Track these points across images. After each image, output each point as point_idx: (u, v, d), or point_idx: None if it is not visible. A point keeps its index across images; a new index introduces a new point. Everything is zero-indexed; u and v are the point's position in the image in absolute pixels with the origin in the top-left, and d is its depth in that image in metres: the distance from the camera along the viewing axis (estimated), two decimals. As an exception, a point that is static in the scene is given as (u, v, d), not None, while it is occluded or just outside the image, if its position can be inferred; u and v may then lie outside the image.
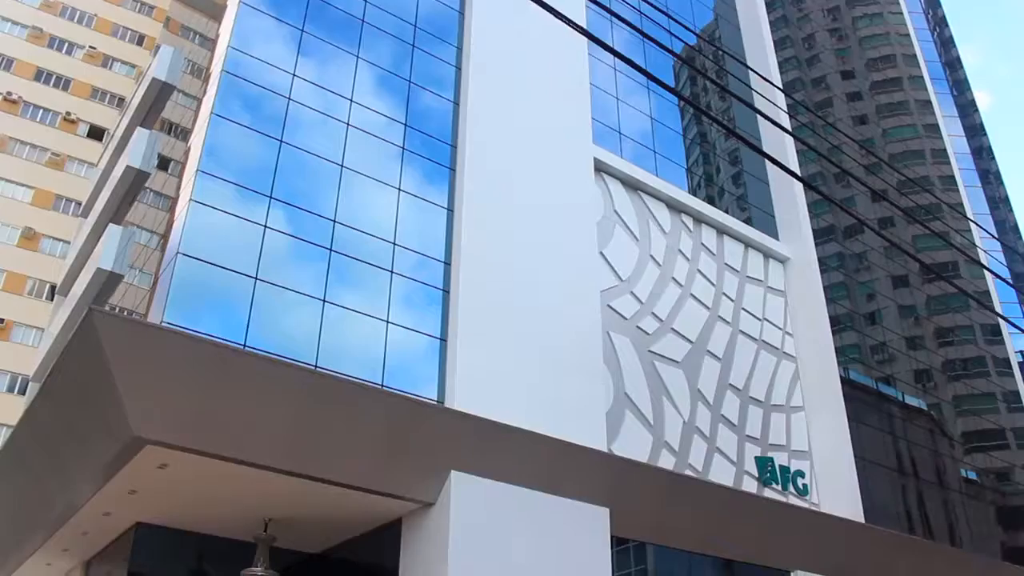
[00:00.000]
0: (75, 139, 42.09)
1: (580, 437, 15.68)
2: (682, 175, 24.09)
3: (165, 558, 16.14)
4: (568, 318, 17.57)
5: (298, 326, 14.92)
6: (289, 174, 15.85)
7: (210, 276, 14.29)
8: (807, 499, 21.17)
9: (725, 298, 22.31)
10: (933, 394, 29.25)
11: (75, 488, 14.81)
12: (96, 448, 13.35)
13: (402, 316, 15.92)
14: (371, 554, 15.74)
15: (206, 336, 13.48)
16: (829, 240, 27.76)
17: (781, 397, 22.27)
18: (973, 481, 28.96)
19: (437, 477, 14.01)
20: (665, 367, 19.63)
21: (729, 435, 20.29)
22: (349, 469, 13.54)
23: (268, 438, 12.88)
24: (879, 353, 27.71)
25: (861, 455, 23.36)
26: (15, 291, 38.63)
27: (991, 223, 37.87)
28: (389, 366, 15.32)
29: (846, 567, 20.25)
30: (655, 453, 18.32)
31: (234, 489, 13.94)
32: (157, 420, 12.10)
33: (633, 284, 20.03)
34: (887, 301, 29.41)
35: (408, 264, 16.43)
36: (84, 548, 17.50)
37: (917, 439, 27.20)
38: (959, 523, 27.15)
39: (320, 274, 15.39)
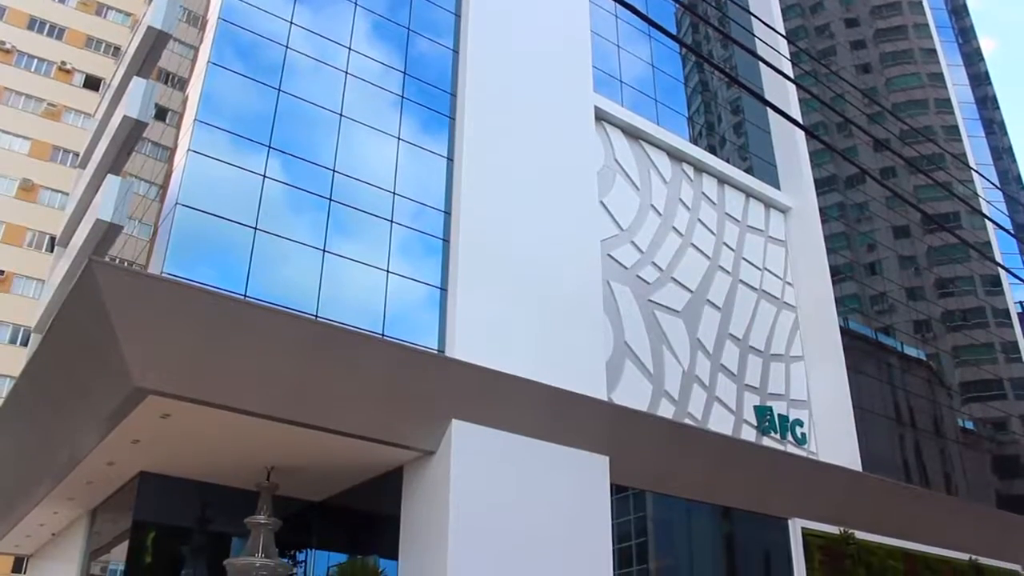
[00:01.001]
0: (71, 89, 41.74)
1: (580, 386, 15.75)
2: (683, 124, 23.90)
3: (169, 506, 16.31)
4: (568, 267, 17.54)
5: (298, 276, 14.89)
6: (287, 123, 15.71)
7: (209, 226, 14.22)
8: (805, 448, 21.34)
9: (726, 248, 22.27)
10: (932, 344, 29.35)
11: (79, 438, 14.93)
12: (98, 399, 13.42)
13: (402, 266, 15.89)
14: (373, 502, 15.91)
15: (206, 286, 13.45)
16: (830, 190, 27.63)
17: (781, 347, 22.34)
18: (970, 431, 29.18)
19: (438, 426, 14.11)
20: (665, 316, 19.66)
21: (728, 384, 20.39)
22: (350, 418, 13.63)
23: (269, 388, 12.94)
24: (879, 303, 27.74)
25: (859, 404, 23.51)
26: (14, 243, 38.60)
27: (994, 173, 37.67)
28: (389, 316, 15.32)
29: (843, 515, 20.47)
30: (655, 402, 18.42)
31: (236, 438, 14.05)
32: (158, 370, 12.14)
33: (633, 233, 19.97)
34: (887, 251, 29.36)
35: (408, 213, 16.36)
36: (89, 497, 17.68)
37: (915, 389, 27.36)
38: (955, 472, 27.41)
39: (320, 224, 15.33)
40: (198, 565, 16.58)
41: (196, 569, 16.57)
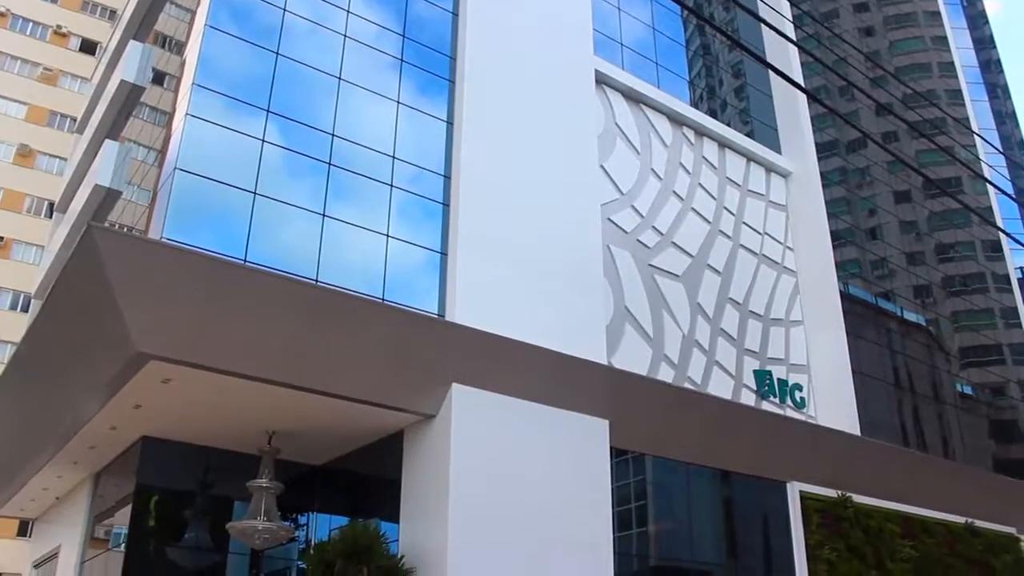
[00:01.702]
0: (67, 53, 41.41)
1: (580, 350, 15.78)
2: (684, 88, 23.74)
3: (171, 470, 16.43)
4: (568, 232, 17.50)
5: (298, 241, 14.87)
6: (285, 87, 15.60)
7: (209, 191, 14.17)
8: (804, 412, 21.44)
9: (726, 212, 22.21)
10: (932, 310, 29.39)
11: (81, 403, 15.00)
12: (100, 364, 13.47)
13: (402, 230, 15.86)
14: (374, 466, 16.01)
15: (206, 251, 13.43)
16: (832, 155, 27.51)
17: (780, 311, 22.36)
18: (968, 396, 29.31)
19: (438, 390, 14.15)
20: (665, 281, 19.65)
21: (728, 348, 20.43)
22: (351, 382, 13.67)
23: (270, 352, 12.97)
24: (879, 268, 27.73)
25: (858, 369, 23.57)
26: (13, 209, 38.51)
27: (996, 138, 37.52)
28: (389, 280, 15.31)
29: (841, 478, 20.61)
30: (655, 366, 18.47)
31: (237, 403, 14.11)
32: (159, 335, 12.16)
33: (634, 198, 19.90)
34: (888, 216, 29.31)
35: (407, 178, 16.30)
36: (92, 461, 17.81)
37: (914, 354, 27.44)
38: (953, 436, 27.57)
39: (319, 188, 15.27)
40: (201, 528, 16.70)
41: (199, 532, 16.69)
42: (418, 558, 13.64)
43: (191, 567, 16.60)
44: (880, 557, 20.70)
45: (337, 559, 13.34)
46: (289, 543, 16.68)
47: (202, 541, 16.63)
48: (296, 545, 17.09)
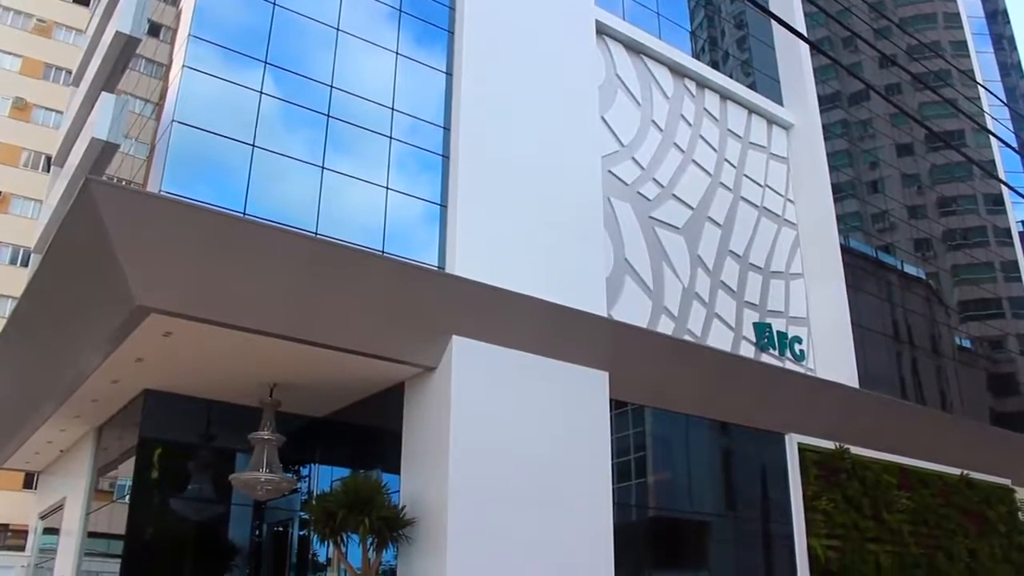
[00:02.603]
0: (61, 4, 40.88)
1: (580, 302, 15.78)
2: (686, 39, 23.46)
3: (174, 423, 16.53)
4: (569, 183, 17.42)
5: (297, 193, 14.80)
6: (283, 38, 15.42)
7: (207, 144, 14.09)
8: (803, 364, 21.52)
9: (727, 164, 22.08)
10: (932, 263, 29.37)
11: (82, 357, 15.04)
12: (101, 318, 13.48)
13: (401, 182, 15.78)
14: (375, 417, 16.11)
15: (205, 205, 13.38)
16: (834, 107, 27.30)
17: (781, 264, 22.33)
18: (967, 349, 29.41)
19: (438, 342, 14.18)
20: (665, 233, 19.60)
21: (728, 301, 20.44)
22: (351, 335, 13.69)
23: (270, 305, 12.97)
24: (880, 221, 27.66)
25: (858, 322, 23.62)
26: (10, 163, 38.31)
27: (1001, 90, 37.22)
28: (389, 232, 15.27)
29: (839, 430, 20.74)
30: (654, 318, 18.49)
31: (238, 355, 14.15)
32: (159, 289, 12.15)
33: (634, 150, 19.77)
34: (890, 169, 29.16)
35: (407, 130, 16.18)
36: (95, 414, 17.91)
37: (914, 307, 27.47)
38: (951, 389, 27.71)
39: (318, 140, 15.17)
40: (204, 480, 16.86)
41: (202, 484, 16.85)
42: (419, 509, 13.78)
43: (195, 518, 16.79)
44: (877, 508, 20.92)
45: (339, 510, 13.47)
46: (291, 494, 16.84)
47: (205, 493, 16.81)
48: (298, 496, 17.26)
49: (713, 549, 18.84)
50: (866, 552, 20.14)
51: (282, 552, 17.67)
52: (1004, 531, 24.47)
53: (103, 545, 17.62)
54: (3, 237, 37.00)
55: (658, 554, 17.76)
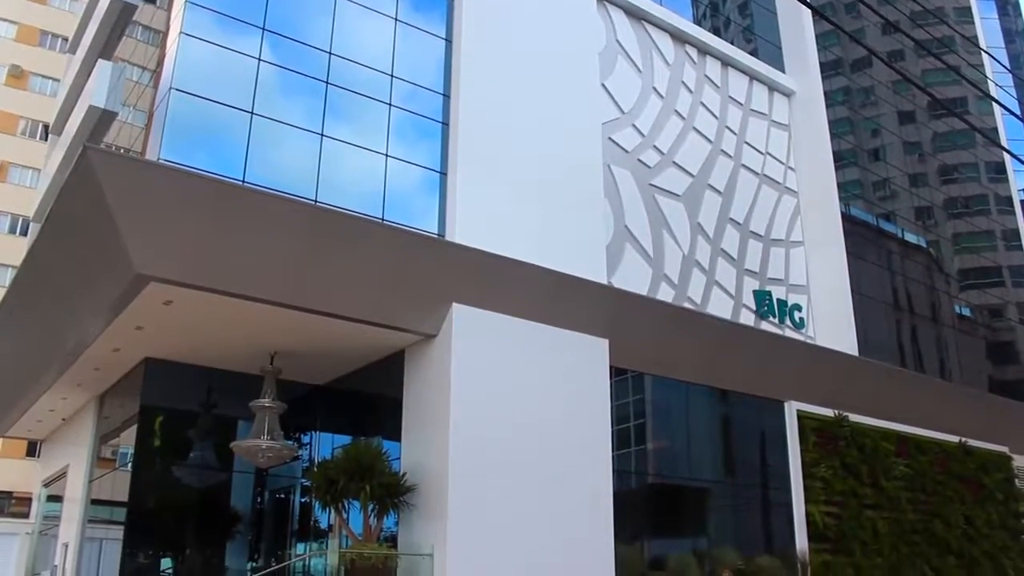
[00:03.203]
0: (56, -29, 40.54)
1: (580, 270, 15.78)
2: (687, 4, 23.22)
3: (175, 391, 16.59)
4: (569, 151, 17.35)
5: (296, 161, 14.75)
6: (281, 4, 15.30)
7: (205, 112, 14.02)
8: (803, 332, 21.56)
9: (728, 131, 21.97)
10: (933, 231, 29.33)
11: (83, 326, 15.05)
12: (101, 286, 13.47)
13: (401, 150, 15.72)
14: (375, 385, 16.15)
15: (204, 172, 13.33)
16: (836, 74, 27.13)
17: (781, 232, 22.30)
18: (966, 317, 29.45)
19: (438, 310, 14.19)
20: (666, 200, 19.54)
21: (728, 268, 20.43)
22: (351, 303, 13.70)
23: (270, 273, 12.95)
24: (881, 189, 27.58)
25: (858, 290, 23.63)
26: (8, 131, 38.15)
27: (1006, 57, 36.98)
28: (389, 200, 15.24)
29: (838, 398, 20.82)
30: (654, 286, 18.49)
31: (239, 324, 14.15)
32: (159, 257, 12.13)
33: (635, 117, 19.66)
34: (892, 137, 29.04)
35: (406, 97, 16.08)
36: (97, 383, 17.97)
37: (914, 275, 27.48)
38: (950, 357, 27.79)
39: (317, 108, 15.10)
40: (205, 448, 16.96)
41: (204, 451, 16.95)
42: (419, 475, 13.86)
43: (197, 485, 16.90)
44: (874, 475, 21.05)
45: (340, 477, 13.55)
46: (292, 461, 16.94)
47: (207, 460, 16.91)
48: (299, 463, 17.37)
49: (712, 515, 18.99)
50: (864, 518, 20.31)
51: (284, 519, 17.81)
52: (1001, 498, 24.66)
53: (106, 512, 17.75)
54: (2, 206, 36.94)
55: (657, 520, 17.90)
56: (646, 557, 16.69)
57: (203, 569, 16.15)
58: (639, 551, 16.51)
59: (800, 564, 18.40)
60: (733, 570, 16.92)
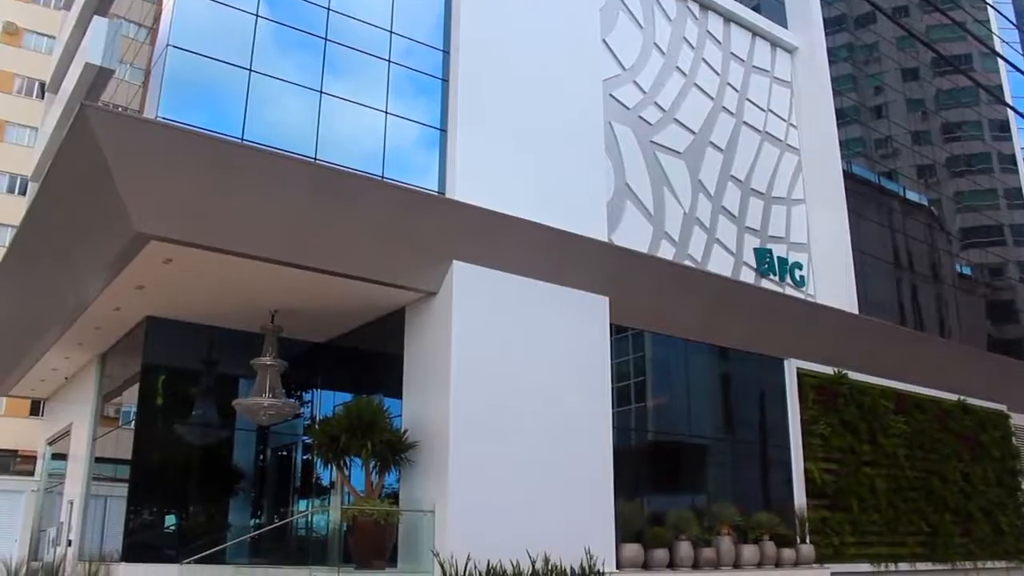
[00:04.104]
0: (49, -73, 39.95)
1: (581, 227, 15.74)
2: (689, -41, 22.90)
3: (177, 350, 16.65)
4: (570, 108, 17.22)
5: (295, 119, 14.64)
6: (277, -42, 15.08)
7: (203, 69, 13.88)
8: (803, 290, 21.55)
9: (730, 88, 21.76)
10: (935, 190, 29.21)
11: (84, 285, 15.07)
12: (100, 245, 13.46)
13: (401, 106, 15.58)
14: (376, 342, 16.20)
15: (203, 130, 13.24)
16: (839, 30, 26.84)
17: (782, 189, 22.19)
18: (967, 276, 29.45)
19: (439, 267, 14.18)
20: (667, 158, 19.42)
21: (729, 226, 20.36)
22: (352, 260, 13.69)
23: (270, 231, 12.93)
24: (883, 147, 27.42)
25: (859, 248, 23.60)
26: (3, 89, 37.85)
27: (1012, 12, 36.60)
28: (389, 157, 15.14)
29: (838, 356, 20.90)
30: (655, 243, 18.44)
31: (239, 282, 14.16)
32: (159, 215, 12.10)
33: (636, 73, 19.47)
34: (895, 94, 28.80)
35: (406, 53, 15.91)
36: (98, 342, 18.03)
37: (915, 234, 27.42)
38: (949, 316, 27.82)
39: (315, 65, 14.94)
40: (207, 406, 17.07)
41: (206, 410, 17.07)
42: (421, 432, 13.95)
43: (199, 443, 17.04)
44: (873, 432, 21.21)
45: (342, 434, 13.63)
46: (294, 419, 17.05)
47: (209, 418, 17.03)
48: (301, 421, 17.48)
49: (711, 472, 19.15)
50: (862, 475, 20.49)
51: (286, 476, 17.97)
52: (998, 455, 24.86)
53: (110, 470, 17.90)
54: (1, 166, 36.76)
55: (657, 477, 18.05)
56: (646, 513, 16.84)
57: (207, 525, 16.31)
58: (639, 507, 16.66)
59: (798, 520, 18.60)
60: (732, 526, 17.07)
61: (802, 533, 18.44)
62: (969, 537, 22.92)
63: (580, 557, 13.45)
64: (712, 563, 16.45)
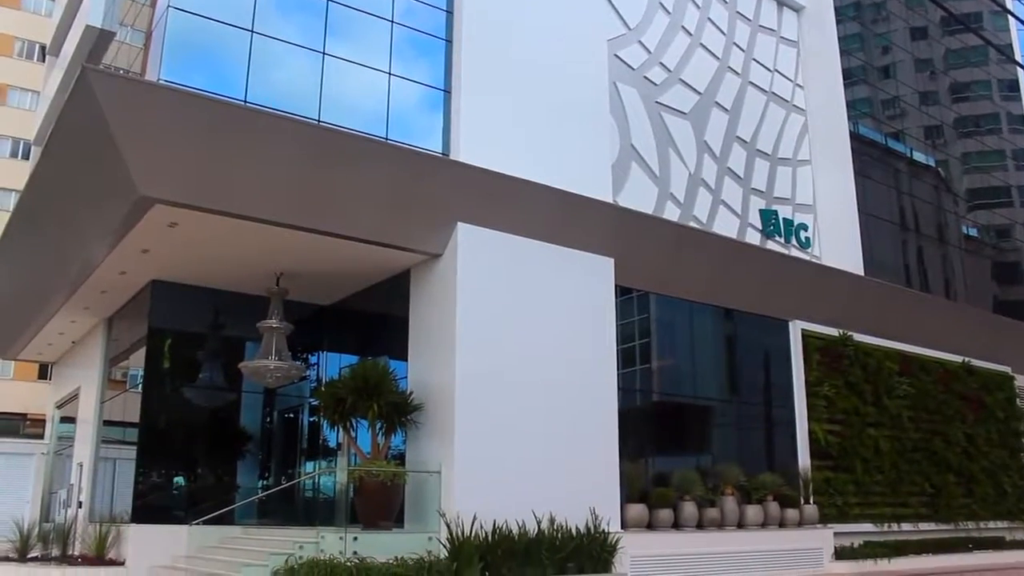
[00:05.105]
0: None
1: (585, 188, 15.67)
2: (695, -84, 22.55)
3: (183, 313, 16.70)
4: (574, 68, 17.06)
5: (298, 81, 14.52)
6: (278, -83, 14.88)
7: (204, 31, 13.75)
8: (809, 252, 21.48)
9: (736, 48, 21.52)
10: (942, 151, 29.01)
11: (89, 249, 15.08)
12: (105, 209, 13.45)
13: (404, 68, 15.45)
14: (381, 305, 16.24)
15: (205, 93, 13.16)
16: (848, -12, 26.52)
17: (788, 150, 22.03)
18: (973, 238, 29.35)
19: (444, 229, 14.16)
20: (672, 118, 19.27)
21: (734, 187, 20.24)
22: (356, 223, 13.67)
23: (274, 194, 12.90)
24: (890, 108, 27.19)
25: (865, 210, 23.51)
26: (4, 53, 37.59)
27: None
28: (393, 119, 15.03)
29: (843, 317, 20.89)
30: (660, 205, 18.36)
31: (244, 245, 14.16)
32: (163, 179, 12.08)
33: (641, 33, 19.24)
34: (903, 54, 28.49)
35: (408, 13, 15.74)
36: (104, 306, 18.09)
37: (922, 195, 27.29)
38: (955, 277, 27.77)
39: (317, 26, 14.80)
40: (214, 369, 17.14)
41: (212, 372, 17.14)
42: (426, 394, 14.02)
43: (207, 406, 17.15)
44: (877, 393, 21.28)
45: (348, 396, 13.71)
46: (300, 381, 17.15)
47: (216, 381, 17.12)
48: (307, 383, 17.57)
49: (716, 433, 19.26)
50: (866, 436, 20.60)
51: (293, 437, 18.11)
52: (1002, 417, 24.94)
53: (119, 433, 18.05)
54: (2, 130, 36.63)
55: (662, 437, 18.16)
56: (650, 474, 16.97)
57: (215, 487, 16.47)
58: (644, 468, 16.79)
59: (802, 481, 18.71)
60: (736, 486, 17.19)
61: (806, 494, 18.56)
62: (972, 498, 23.06)
63: (585, 517, 13.55)
64: (716, 523, 16.58)
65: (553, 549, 12.82)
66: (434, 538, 12.53)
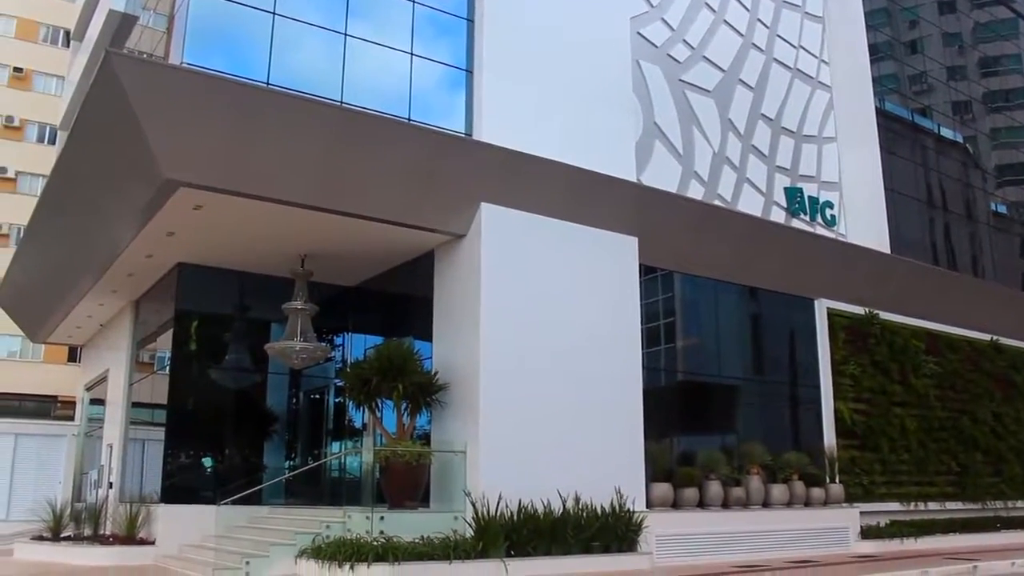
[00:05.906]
0: None
1: (609, 167, 15.61)
2: None
3: (209, 295, 16.84)
4: (597, 46, 16.96)
5: (320, 62, 14.55)
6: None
7: (227, 13, 13.78)
8: (835, 230, 21.27)
9: (760, 24, 21.26)
10: (971, 126, 28.62)
11: (115, 233, 15.22)
12: (131, 193, 13.54)
13: (427, 48, 15.42)
14: (405, 285, 16.28)
15: (228, 75, 13.20)
16: (873, -38, 26.13)
17: (813, 128, 21.79)
18: (1001, 214, 28.98)
19: (467, 209, 14.16)
20: (696, 96, 19.10)
21: (759, 165, 20.07)
22: (380, 204, 13.69)
23: (298, 175, 12.94)
24: (917, 83, 26.83)
25: (891, 187, 23.27)
26: (29, 38, 37.81)
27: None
28: (415, 100, 15.02)
29: (869, 296, 20.73)
30: (684, 183, 18.24)
31: (269, 227, 14.23)
32: (187, 162, 12.14)
33: (664, 10, 19.05)
34: (931, 28, 28.07)
35: (430, -8, 15.72)
36: (131, 288, 18.26)
37: (949, 172, 26.96)
38: (983, 255, 27.46)
39: (339, 7, 14.79)
40: (240, 350, 17.29)
41: (239, 354, 17.29)
42: (451, 374, 14.06)
43: (233, 387, 17.31)
44: (904, 372, 21.14)
45: (373, 376, 13.77)
46: (326, 362, 17.26)
47: (242, 362, 17.28)
48: (333, 364, 17.67)
49: (741, 412, 19.20)
50: (892, 415, 20.49)
51: (319, 418, 18.23)
52: (1030, 394, 24.71)
53: (147, 414, 18.25)
54: (29, 115, 36.90)
55: (687, 417, 18.13)
56: (675, 453, 16.96)
57: (242, 468, 16.64)
58: (668, 447, 16.77)
59: (828, 460, 18.66)
60: (761, 465, 17.15)
61: (831, 473, 18.51)
62: (1000, 477, 22.89)
63: (610, 496, 13.61)
64: (741, 502, 16.56)
65: (578, 528, 12.89)
66: (460, 517, 12.62)
